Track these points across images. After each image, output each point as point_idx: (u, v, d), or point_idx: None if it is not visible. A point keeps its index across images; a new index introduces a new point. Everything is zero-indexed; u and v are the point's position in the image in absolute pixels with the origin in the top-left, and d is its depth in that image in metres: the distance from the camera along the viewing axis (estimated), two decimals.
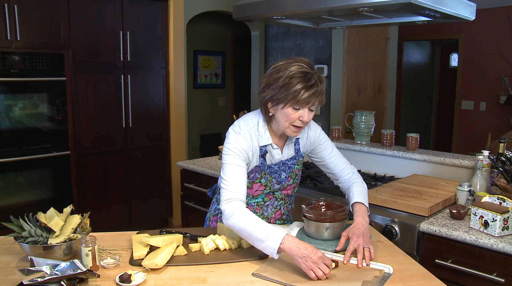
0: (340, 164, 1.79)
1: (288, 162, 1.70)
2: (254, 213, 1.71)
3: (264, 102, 1.57)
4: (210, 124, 6.24)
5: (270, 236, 1.37)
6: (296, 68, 1.49)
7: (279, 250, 1.36)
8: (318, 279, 1.30)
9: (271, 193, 1.73)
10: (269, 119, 1.62)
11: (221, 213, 1.79)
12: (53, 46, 3.35)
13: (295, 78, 1.47)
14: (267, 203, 1.74)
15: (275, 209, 1.76)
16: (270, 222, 1.78)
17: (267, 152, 1.65)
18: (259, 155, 1.63)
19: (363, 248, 1.44)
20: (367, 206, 1.66)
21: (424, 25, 2.67)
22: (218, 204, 1.83)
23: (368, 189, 2.22)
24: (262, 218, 1.73)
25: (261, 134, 1.62)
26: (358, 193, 1.68)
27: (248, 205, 1.72)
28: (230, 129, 1.63)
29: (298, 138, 1.72)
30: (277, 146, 1.67)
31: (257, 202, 1.73)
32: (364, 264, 1.41)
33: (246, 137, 1.59)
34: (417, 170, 2.57)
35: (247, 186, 1.65)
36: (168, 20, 4.01)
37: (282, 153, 1.68)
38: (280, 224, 1.80)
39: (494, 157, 2.01)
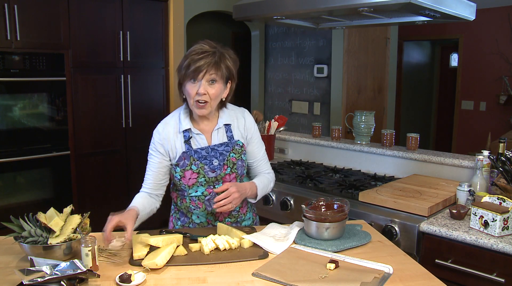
0: (265, 169, 1.86)
1: (218, 148, 1.71)
2: (196, 208, 1.73)
3: (179, 90, 1.68)
4: None
5: None
6: (192, 49, 1.61)
7: None
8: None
9: (211, 186, 1.70)
10: (187, 105, 1.70)
11: (174, 212, 1.88)
12: (53, 46, 3.35)
13: (185, 57, 1.60)
14: (207, 197, 1.70)
15: None
16: (219, 220, 1.76)
17: (191, 137, 1.70)
18: (183, 141, 1.69)
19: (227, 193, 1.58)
20: (257, 191, 1.74)
21: (424, 25, 2.68)
22: (173, 204, 1.89)
23: (368, 189, 2.23)
24: (208, 214, 1.74)
25: (181, 121, 1.70)
26: (260, 179, 1.79)
27: (190, 199, 1.73)
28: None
29: (229, 125, 1.75)
30: (201, 131, 1.71)
31: (198, 196, 1.71)
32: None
33: (166, 127, 1.70)
34: (417, 170, 2.57)
35: (180, 175, 1.69)
36: (168, 20, 4.01)
37: (211, 139, 1.72)
38: (231, 222, 1.78)
39: (494, 157, 2.01)
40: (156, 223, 4.55)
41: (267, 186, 1.81)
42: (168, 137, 1.69)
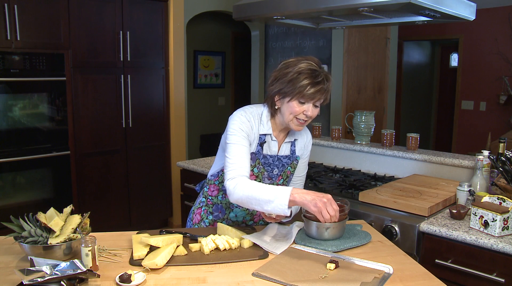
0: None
1: (283, 159, 1.73)
2: (239, 206, 1.73)
3: (271, 95, 1.63)
4: (210, 124, 6.24)
5: (279, 194, 1.43)
6: (305, 65, 1.55)
7: (290, 205, 1.42)
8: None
9: None
10: (274, 112, 1.67)
11: (205, 205, 1.82)
12: (53, 46, 3.35)
13: (303, 74, 1.53)
14: None
15: None
16: (254, 221, 1.80)
17: (265, 142, 1.69)
18: (257, 143, 1.67)
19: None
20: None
21: (424, 25, 2.67)
22: (204, 197, 1.85)
23: (368, 189, 2.23)
24: (247, 214, 1.76)
25: (263, 123, 1.67)
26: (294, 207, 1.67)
27: None
28: (236, 111, 1.67)
29: (296, 140, 1.75)
30: (276, 139, 1.70)
31: None
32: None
33: (250, 120, 1.64)
34: (417, 170, 2.57)
35: None
36: (168, 20, 4.01)
37: (279, 148, 1.72)
38: (262, 225, 1.81)
39: (494, 157, 2.01)
40: (156, 223, 4.56)
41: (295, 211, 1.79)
42: (252, 130, 1.64)
